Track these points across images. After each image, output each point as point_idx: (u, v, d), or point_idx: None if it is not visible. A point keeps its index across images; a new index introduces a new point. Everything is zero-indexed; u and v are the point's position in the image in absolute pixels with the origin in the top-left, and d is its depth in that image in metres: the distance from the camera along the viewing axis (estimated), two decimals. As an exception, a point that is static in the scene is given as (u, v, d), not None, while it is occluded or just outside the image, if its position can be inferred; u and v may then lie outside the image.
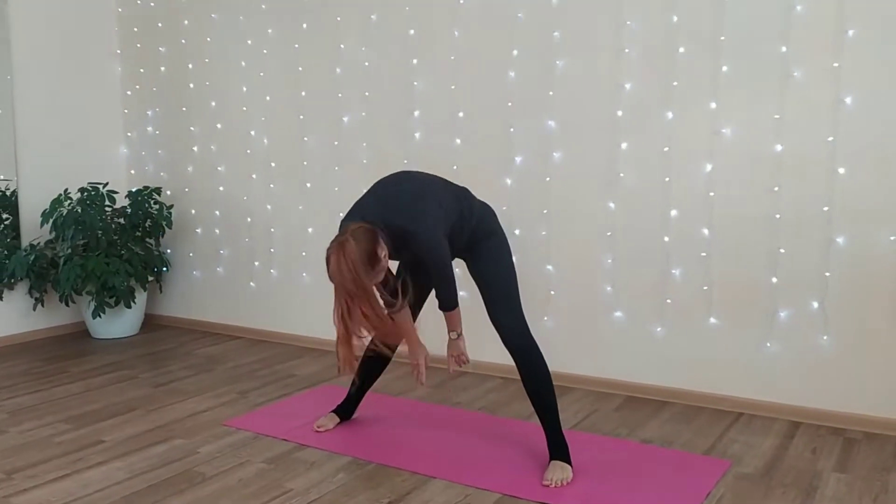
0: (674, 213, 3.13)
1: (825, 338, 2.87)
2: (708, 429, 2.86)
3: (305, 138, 4.15)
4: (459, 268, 2.69)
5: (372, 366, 2.85)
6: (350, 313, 2.25)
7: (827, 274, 2.84)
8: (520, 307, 2.53)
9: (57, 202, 4.18)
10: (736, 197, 3.00)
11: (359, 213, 2.35)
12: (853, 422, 2.85)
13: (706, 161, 3.04)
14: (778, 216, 2.91)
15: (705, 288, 3.09)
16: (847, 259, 2.81)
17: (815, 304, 2.88)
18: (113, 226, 4.34)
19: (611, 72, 3.21)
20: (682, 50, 3.04)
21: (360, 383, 2.90)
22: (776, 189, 2.90)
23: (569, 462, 2.43)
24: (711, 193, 3.04)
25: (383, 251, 2.24)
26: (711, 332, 3.10)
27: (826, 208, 2.82)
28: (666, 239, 3.16)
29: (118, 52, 4.87)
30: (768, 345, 2.98)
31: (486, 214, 2.58)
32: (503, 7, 3.43)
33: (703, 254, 3.08)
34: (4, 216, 4.38)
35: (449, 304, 2.44)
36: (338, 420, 2.90)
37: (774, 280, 2.94)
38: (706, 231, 3.07)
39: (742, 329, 3.03)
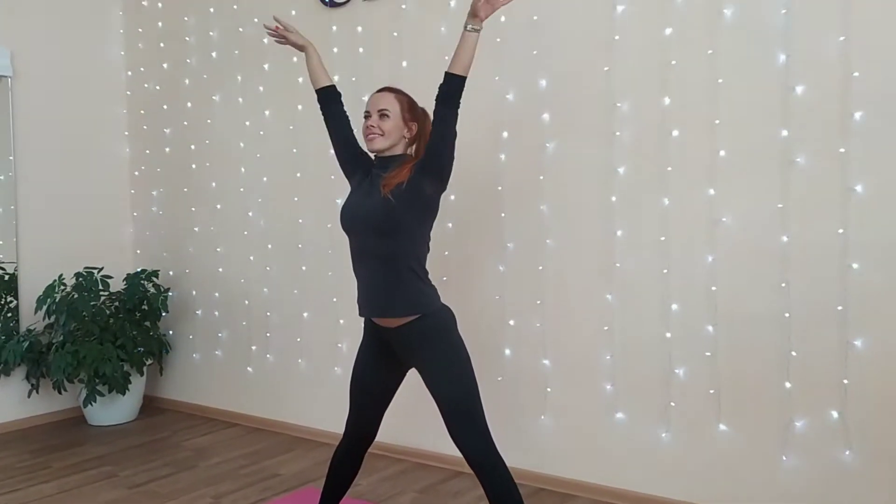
0: (675, 307, 2.88)
1: (847, 452, 2.55)
2: (715, 556, 2.54)
3: (300, 220, 4.04)
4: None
5: (343, 471, 2.62)
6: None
7: (845, 381, 2.53)
8: (481, 420, 2.29)
9: (51, 288, 4.14)
10: (741, 292, 2.73)
11: None
12: (884, 550, 2.49)
13: (707, 252, 2.79)
14: (787, 315, 2.62)
15: (712, 391, 2.80)
16: (867, 364, 2.50)
17: (835, 414, 2.56)
18: (108, 311, 4.27)
19: (603, 155, 3.01)
20: (675, 133, 2.83)
21: (329, 494, 2.66)
22: (784, 285, 2.62)
23: None
24: (714, 287, 2.78)
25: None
26: (722, 440, 2.79)
27: (840, 307, 2.53)
28: (668, 335, 2.90)
29: (126, 133, 4.89)
30: (784, 458, 2.66)
31: (445, 314, 2.38)
32: (492, 88, 3.29)
33: (708, 353, 2.80)
34: (9, 299, 4.37)
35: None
36: (305, 538, 2.67)
37: (788, 385, 2.64)
38: (710, 328, 2.80)
39: (755, 439, 2.72)
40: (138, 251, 4.89)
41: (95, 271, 4.26)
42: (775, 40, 2.63)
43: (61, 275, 4.23)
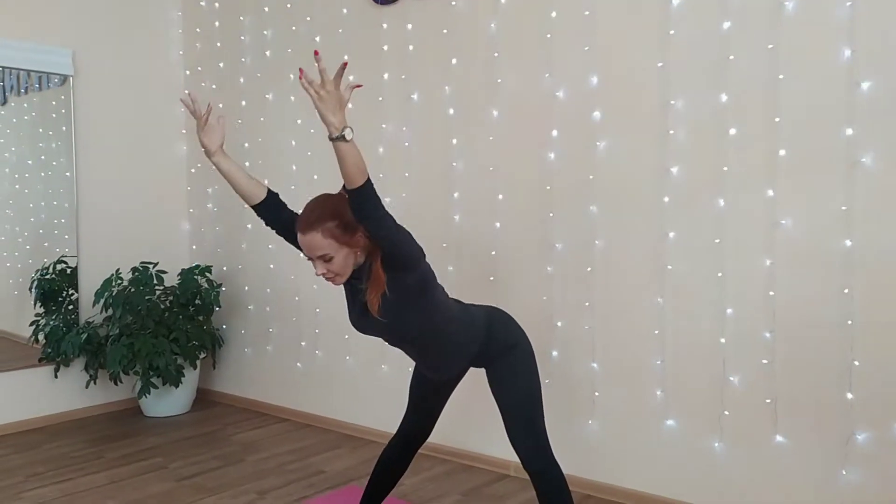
0: (729, 311, 2.76)
1: (913, 469, 2.40)
2: (768, 573, 2.43)
3: (349, 218, 4.04)
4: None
5: (392, 466, 2.61)
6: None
7: (912, 394, 2.39)
8: (541, 427, 2.27)
9: (108, 282, 4.25)
10: (801, 298, 2.60)
11: None
12: (954, 575, 2.34)
13: (764, 255, 2.67)
14: (850, 322, 2.49)
15: (768, 401, 2.68)
16: (937, 377, 2.35)
17: (900, 429, 2.42)
18: (162, 305, 4.37)
19: (656, 154, 2.92)
20: (732, 132, 2.72)
21: (373, 491, 2.65)
22: (846, 291, 2.49)
23: None
24: (772, 293, 2.66)
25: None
26: (778, 452, 2.67)
27: (907, 316, 2.39)
28: (722, 341, 2.79)
29: (183, 131, 5.00)
30: (844, 472, 2.53)
31: (499, 329, 2.33)
32: (542, 86, 3.22)
33: (765, 361, 2.68)
34: (71, 292, 4.51)
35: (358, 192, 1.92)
36: (346, 536, 2.67)
37: (850, 396, 2.50)
38: (768, 335, 2.68)
39: (813, 451, 2.60)
40: (194, 247, 4.99)
41: (151, 266, 4.36)
42: (840, 34, 2.49)
43: (118, 269, 4.34)
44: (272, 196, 2.21)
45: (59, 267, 4.45)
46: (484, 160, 3.44)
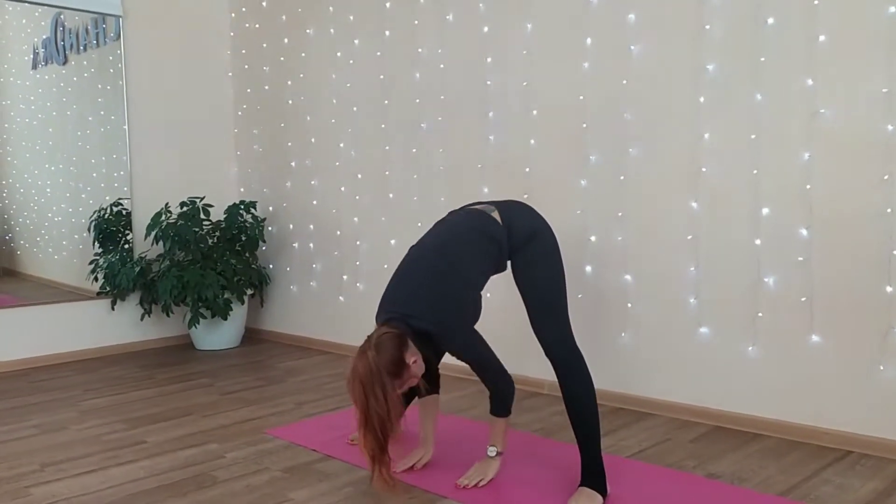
0: (765, 211, 2.68)
1: (958, 361, 2.29)
2: (799, 467, 2.36)
3: (387, 147, 4.08)
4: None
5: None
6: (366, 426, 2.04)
7: (956, 281, 2.27)
8: (564, 316, 2.26)
9: (158, 215, 4.40)
10: (839, 190, 2.50)
11: (384, 312, 2.23)
12: None
13: (802, 148, 2.57)
14: (890, 210, 2.38)
15: (804, 299, 2.59)
16: (984, 262, 2.23)
17: (944, 320, 2.31)
18: (210, 240, 4.50)
19: (691, 53, 2.83)
20: (770, 21, 2.61)
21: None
22: (887, 178, 2.38)
23: (601, 491, 2.08)
24: (808, 186, 2.56)
25: (412, 357, 2.10)
26: (813, 352, 2.59)
27: (952, 199, 2.27)
28: (757, 242, 2.70)
29: (230, 74, 5.11)
30: (881, 368, 2.43)
31: (520, 219, 2.31)
32: (574, -6, 3.17)
33: (801, 258, 2.59)
34: (126, 232, 4.70)
35: (504, 403, 2.26)
36: (374, 434, 2.72)
37: (889, 290, 2.40)
38: (804, 232, 2.58)
39: (850, 349, 2.50)
40: (242, 189, 5.11)
41: (198, 200, 4.49)
42: None
43: (167, 203, 4.48)
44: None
45: (115, 209, 4.62)
46: (518, 76, 3.41)
